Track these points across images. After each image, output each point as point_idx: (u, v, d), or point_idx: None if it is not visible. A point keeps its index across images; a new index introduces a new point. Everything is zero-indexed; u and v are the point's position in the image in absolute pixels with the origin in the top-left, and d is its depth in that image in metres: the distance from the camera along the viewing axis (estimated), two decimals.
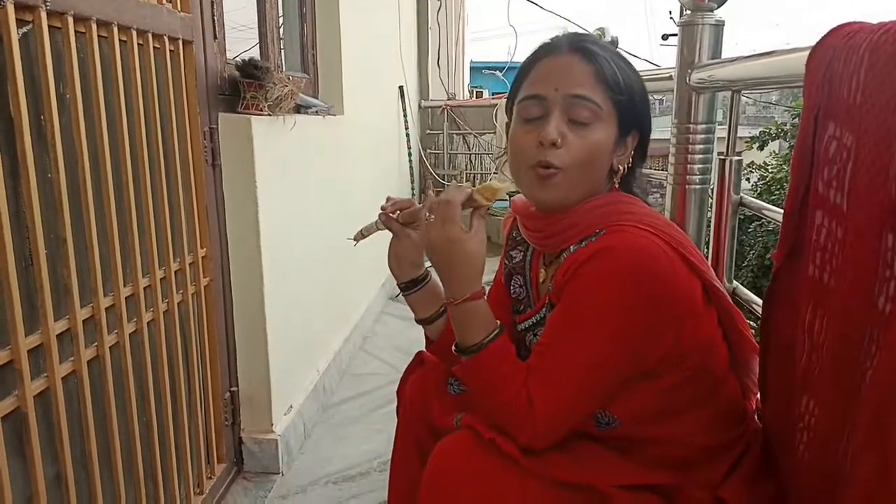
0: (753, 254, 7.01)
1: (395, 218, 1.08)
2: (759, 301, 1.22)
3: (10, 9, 0.98)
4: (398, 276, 1.13)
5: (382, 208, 1.08)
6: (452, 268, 0.92)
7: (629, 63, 0.98)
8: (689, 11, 1.37)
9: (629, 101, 0.94)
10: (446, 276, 0.94)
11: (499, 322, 0.94)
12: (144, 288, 1.37)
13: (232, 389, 1.84)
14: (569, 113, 0.92)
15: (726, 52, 1.40)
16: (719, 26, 1.36)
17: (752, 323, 1.05)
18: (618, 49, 0.99)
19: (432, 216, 0.93)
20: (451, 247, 0.91)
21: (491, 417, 0.90)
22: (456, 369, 0.97)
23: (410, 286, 1.13)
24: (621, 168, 0.98)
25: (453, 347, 0.95)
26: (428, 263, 1.07)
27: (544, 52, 0.97)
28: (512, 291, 1.12)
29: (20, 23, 1.02)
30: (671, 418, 0.94)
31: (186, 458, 1.58)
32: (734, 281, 1.39)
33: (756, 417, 1.04)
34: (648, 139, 1.01)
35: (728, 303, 0.96)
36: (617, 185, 1.00)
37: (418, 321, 1.16)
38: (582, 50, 0.93)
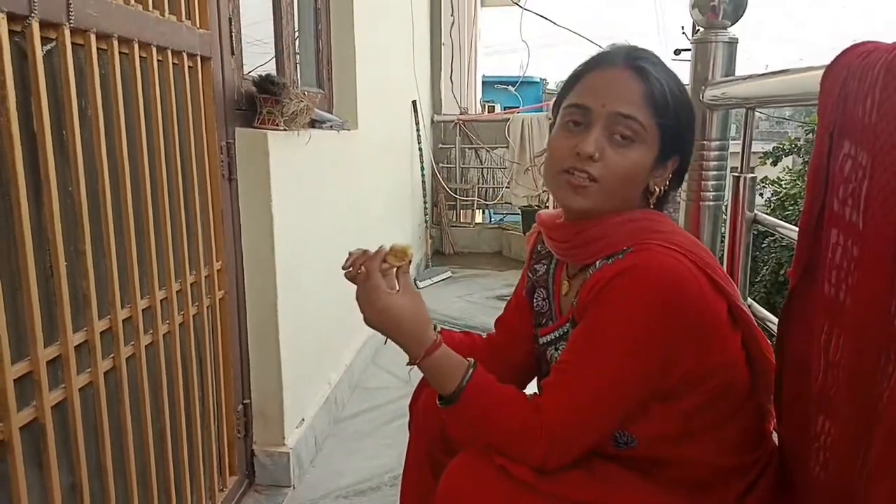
0: (767, 269, 6.95)
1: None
2: (774, 318, 1.22)
3: (35, 26, 1.00)
4: None
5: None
6: (397, 334, 0.94)
7: (683, 87, 0.96)
8: (702, 29, 1.38)
9: (675, 126, 0.93)
10: (396, 341, 0.95)
11: (470, 359, 0.94)
12: (161, 300, 1.39)
13: (245, 402, 1.85)
14: (611, 128, 0.91)
15: (738, 68, 1.40)
16: (733, 44, 1.37)
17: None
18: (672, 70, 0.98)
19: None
20: (384, 316, 0.93)
21: (501, 448, 0.89)
22: (447, 421, 0.95)
23: None
24: (657, 189, 0.97)
25: (437, 402, 0.94)
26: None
27: (598, 63, 0.96)
28: (535, 304, 1.12)
29: (44, 40, 1.04)
30: (690, 440, 0.93)
31: (199, 470, 1.59)
32: (749, 298, 1.38)
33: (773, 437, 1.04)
34: (688, 164, 1.00)
35: (753, 324, 0.95)
36: (652, 206, 0.99)
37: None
38: (636, 68, 0.92)
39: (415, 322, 0.94)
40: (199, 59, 1.54)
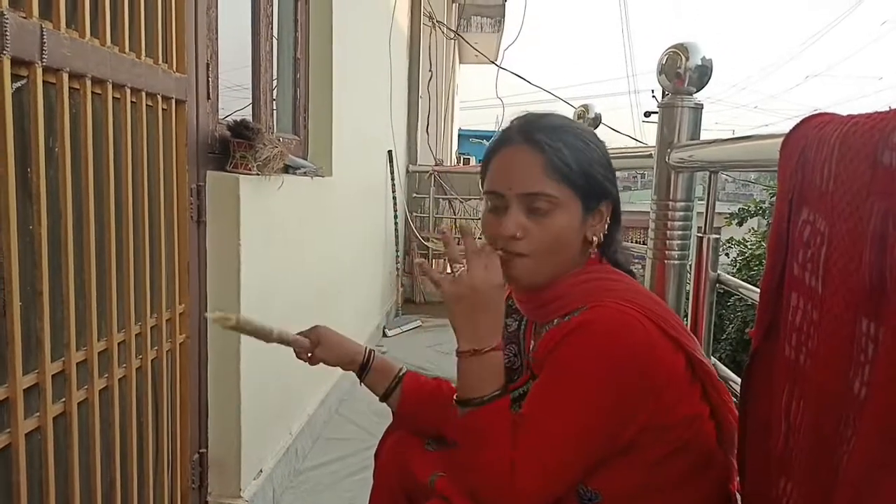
0: (732, 328, 7.05)
1: (307, 350, 1.17)
2: (737, 378, 1.23)
3: (6, 63, 1.00)
4: (354, 369, 1.18)
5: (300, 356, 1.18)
6: (489, 313, 0.92)
7: (585, 136, 0.98)
8: (669, 94, 1.42)
9: (587, 180, 0.95)
10: (482, 321, 0.92)
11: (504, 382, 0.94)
12: (119, 343, 1.35)
13: (201, 451, 1.78)
14: (527, 205, 0.95)
15: (707, 131, 1.45)
16: (698, 109, 1.41)
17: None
18: (580, 121, 1.01)
19: (459, 268, 0.94)
20: (495, 292, 0.92)
21: (473, 479, 0.88)
22: (454, 424, 0.94)
23: (362, 370, 1.18)
24: (596, 238, 0.99)
25: (455, 398, 0.93)
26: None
27: (500, 144, 1.00)
28: (505, 360, 1.11)
29: (15, 77, 1.03)
30: (655, 495, 0.92)
31: None
32: (712, 357, 1.39)
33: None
34: (619, 202, 1.02)
35: (713, 376, 0.96)
36: (594, 254, 1.00)
37: (381, 399, 1.19)
38: (531, 140, 0.95)
39: (501, 315, 0.95)
40: (173, 101, 1.54)
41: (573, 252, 0.98)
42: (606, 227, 1.00)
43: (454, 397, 0.94)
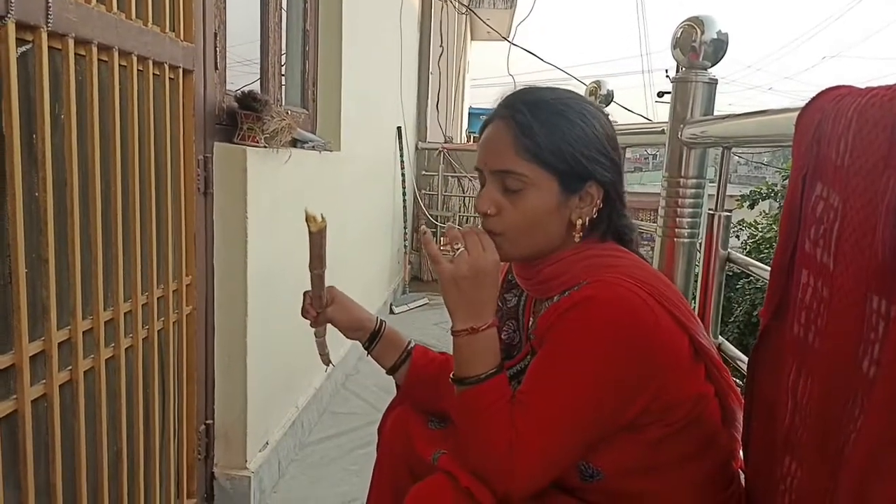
0: (741, 310, 7.03)
1: (317, 311, 1.16)
2: (745, 358, 1.22)
3: (11, 27, 0.99)
4: (361, 337, 1.18)
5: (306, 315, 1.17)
6: (486, 290, 0.92)
7: (571, 114, 0.93)
8: (683, 68, 1.40)
9: (565, 160, 0.92)
10: (478, 299, 0.92)
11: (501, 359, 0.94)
12: (125, 313, 1.35)
13: (207, 422, 1.80)
14: (501, 182, 0.94)
15: (720, 112, 1.42)
16: (712, 84, 1.38)
17: (737, 380, 1.04)
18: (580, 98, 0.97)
19: (458, 246, 0.92)
20: (492, 270, 0.92)
21: (472, 458, 0.88)
22: (453, 402, 0.94)
23: (371, 340, 1.18)
24: (581, 221, 0.95)
25: (451, 376, 0.93)
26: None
27: (487, 118, 0.99)
28: (504, 336, 1.10)
29: (20, 41, 1.02)
30: (657, 474, 0.92)
31: (155, 491, 1.53)
32: (720, 336, 1.38)
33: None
34: (617, 184, 0.97)
35: (715, 358, 0.95)
36: (578, 238, 0.96)
37: (388, 372, 1.20)
38: (506, 116, 0.94)
39: (496, 293, 0.95)
40: (181, 71, 1.53)
41: (552, 234, 0.96)
42: (596, 210, 0.96)
43: (450, 376, 0.94)
